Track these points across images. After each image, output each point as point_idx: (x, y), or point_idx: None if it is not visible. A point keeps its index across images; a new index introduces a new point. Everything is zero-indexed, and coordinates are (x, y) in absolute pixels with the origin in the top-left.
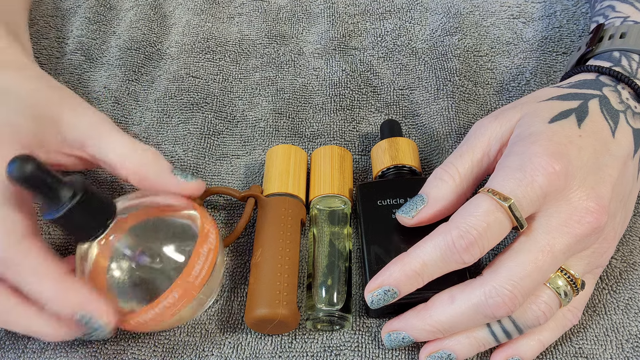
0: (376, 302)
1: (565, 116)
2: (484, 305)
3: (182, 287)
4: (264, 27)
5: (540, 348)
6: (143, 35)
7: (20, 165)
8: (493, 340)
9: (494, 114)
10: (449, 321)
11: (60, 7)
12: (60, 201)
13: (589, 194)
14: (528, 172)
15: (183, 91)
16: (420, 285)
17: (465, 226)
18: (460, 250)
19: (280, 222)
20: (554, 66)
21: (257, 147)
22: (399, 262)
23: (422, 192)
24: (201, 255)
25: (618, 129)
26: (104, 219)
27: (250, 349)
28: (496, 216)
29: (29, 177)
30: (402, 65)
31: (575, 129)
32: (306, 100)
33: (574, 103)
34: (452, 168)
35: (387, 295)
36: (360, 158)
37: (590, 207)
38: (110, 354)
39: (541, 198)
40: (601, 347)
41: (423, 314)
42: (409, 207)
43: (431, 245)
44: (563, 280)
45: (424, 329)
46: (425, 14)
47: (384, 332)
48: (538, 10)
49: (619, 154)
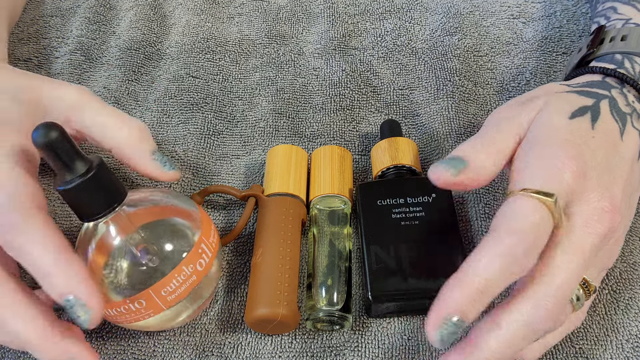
0: (447, 338)
1: (582, 113)
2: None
3: (149, 299)
4: (264, 27)
5: (543, 350)
6: (143, 35)
7: (45, 131)
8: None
9: (519, 101)
10: (500, 349)
11: (60, 7)
12: (75, 173)
13: (603, 194)
14: (555, 170)
15: (183, 91)
16: (484, 307)
17: (520, 230)
18: (521, 257)
19: (281, 222)
20: (554, 66)
21: (257, 147)
22: (458, 284)
23: (458, 154)
24: (182, 273)
25: (626, 131)
26: (113, 201)
27: (250, 349)
28: (542, 215)
29: (53, 142)
30: (402, 65)
31: (589, 129)
32: (306, 100)
33: (589, 100)
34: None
35: (457, 326)
36: (360, 158)
37: (605, 207)
38: (110, 354)
39: (569, 197)
40: (601, 347)
41: (470, 352)
42: (452, 162)
43: (488, 259)
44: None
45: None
46: (425, 14)
47: None
48: (538, 10)
49: (627, 155)
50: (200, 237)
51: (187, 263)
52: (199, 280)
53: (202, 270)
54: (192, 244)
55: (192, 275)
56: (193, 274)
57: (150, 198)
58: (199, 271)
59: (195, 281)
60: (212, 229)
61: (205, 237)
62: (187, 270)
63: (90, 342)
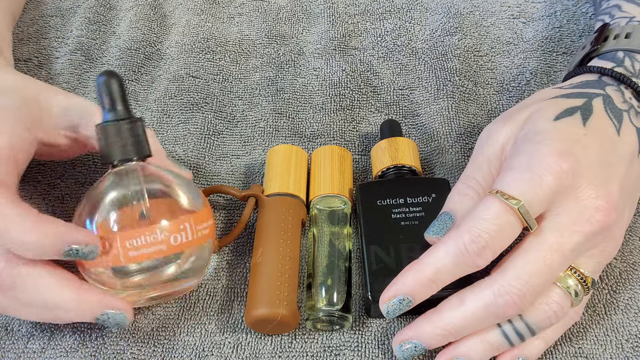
0: (392, 312)
1: (570, 114)
2: (494, 304)
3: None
4: (264, 27)
5: (544, 347)
6: (143, 35)
7: (110, 72)
8: (506, 343)
9: (502, 119)
10: (460, 323)
11: (60, 7)
12: (118, 116)
13: (598, 192)
14: (536, 172)
15: (183, 91)
16: (434, 292)
17: (476, 230)
18: (472, 254)
19: (280, 222)
20: (554, 66)
21: (257, 147)
22: (412, 270)
23: (447, 209)
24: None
25: (622, 127)
26: (137, 153)
27: (250, 349)
28: (507, 218)
29: (114, 82)
30: (402, 65)
31: (580, 127)
32: (306, 100)
33: (578, 101)
34: (473, 181)
35: (402, 304)
36: (360, 158)
37: (599, 206)
38: (110, 354)
39: (550, 198)
40: (601, 347)
41: (433, 319)
42: (439, 227)
43: (443, 251)
44: (574, 279)
45: (436, 333)
46: (425, 14)
47: (395, 344)
48: (538, 10)
49: (625, 152)
50: (189, 216)
51: (162, 227)
52: (168, 252)
53: (175, 246)
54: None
55: (163, 243)
56: (163, 243)
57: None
58: (170, 244)
59: (163, 252)
60: (207, 223)
61: (195, 221)
62: (159, 234)
63: (90, 342)
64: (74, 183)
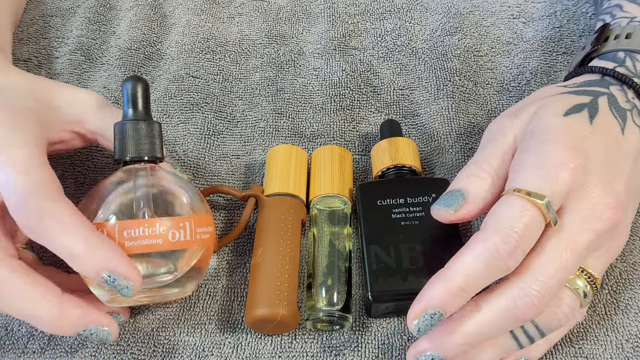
0: (423, 329)
1: (578, 110)
2: (514, 308)
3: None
4: (264, 27)
5: (547, 347)
6: (143, 35)
7: (137, 76)
8: (517, 347)
9: (512, 111)
10: (478, 331)
11: (60, 7)
12: (137, 116)
13: (605, 190)
14: (551, 168)
15: (183, 91)
16: (464, 302)
17: (505, 230)
18: (505, 256)
19: (280, 222)
20: (554, 66)
21: (257, 147)
22: (440, 280)
23: (457, 187)
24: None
25: (627, 126)
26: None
27: (250, 349)
28: (532, 216)
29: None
30: (402, 65)
31: (587, 125)
32: (306, 100)
33: (585, 98)
34: (487, 165)
35: (433, 319)
36: (360, 158)
37: (608, 203)
38: (110, 354)
39: (566, 194)
40: (601, 347)
41: (450, 329)
42: (449, 201)
43: (472, 256)
44: (583, 280)
45: (455, 344)
46: (425, 14)
47: (410, 356)
48: (538, 10)
49: (630, 151)
50: (190, 217)
51: (162, 222)
52: (164, 247)
53: (173, 242)
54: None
55: (159, 237)
56: (160, 237)
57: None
58: (168, 240)
59: (159, 246)
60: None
61: (195, 223)
62: (157, 228)
63: (90, 342)
64: (74, 183)
